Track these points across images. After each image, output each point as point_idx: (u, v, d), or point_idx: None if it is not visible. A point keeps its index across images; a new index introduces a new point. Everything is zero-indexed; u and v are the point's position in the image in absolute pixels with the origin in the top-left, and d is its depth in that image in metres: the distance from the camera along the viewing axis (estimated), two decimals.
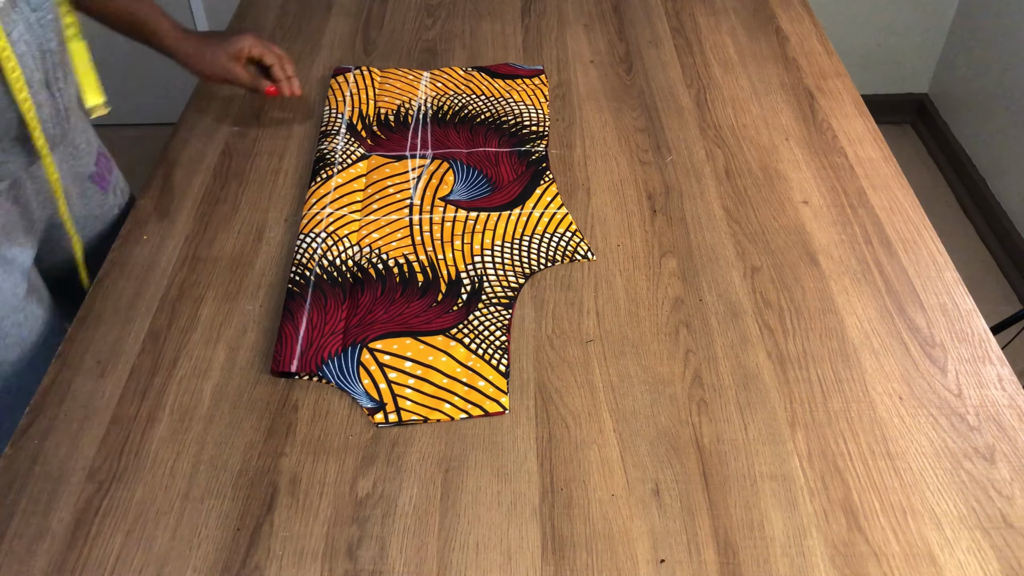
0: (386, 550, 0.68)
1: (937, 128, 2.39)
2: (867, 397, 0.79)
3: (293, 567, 0.67)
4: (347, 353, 0.82)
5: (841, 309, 0.87)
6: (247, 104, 1.17)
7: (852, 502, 0.71)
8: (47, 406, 0.79)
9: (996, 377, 0.81)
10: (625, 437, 0.76)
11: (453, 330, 0.85)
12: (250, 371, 0.82)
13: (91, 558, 0.68)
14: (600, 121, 1.13)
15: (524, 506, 0.71)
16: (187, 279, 0.92)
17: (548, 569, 0.67)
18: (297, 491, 0.72)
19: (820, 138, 1.10)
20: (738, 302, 0.88)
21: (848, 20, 2.28)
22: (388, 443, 0.76)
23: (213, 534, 0.70)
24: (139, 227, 0.98)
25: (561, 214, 0.99)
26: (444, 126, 1.12)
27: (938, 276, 0.91)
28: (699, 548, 0.68)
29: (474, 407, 0.78)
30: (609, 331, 0.85)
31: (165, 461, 0.75)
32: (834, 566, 0.67)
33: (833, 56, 1.25)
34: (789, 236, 0.96)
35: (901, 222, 0.97)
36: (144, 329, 0.86)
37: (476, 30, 1.33)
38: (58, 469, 0.74)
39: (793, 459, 0.74)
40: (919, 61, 2.40)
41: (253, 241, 0.96)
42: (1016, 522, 0.70)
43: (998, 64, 2.11)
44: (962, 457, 0.74)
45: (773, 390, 0.80)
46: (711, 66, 1.24)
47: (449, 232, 0.96)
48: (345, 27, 1.34)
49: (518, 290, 0.90)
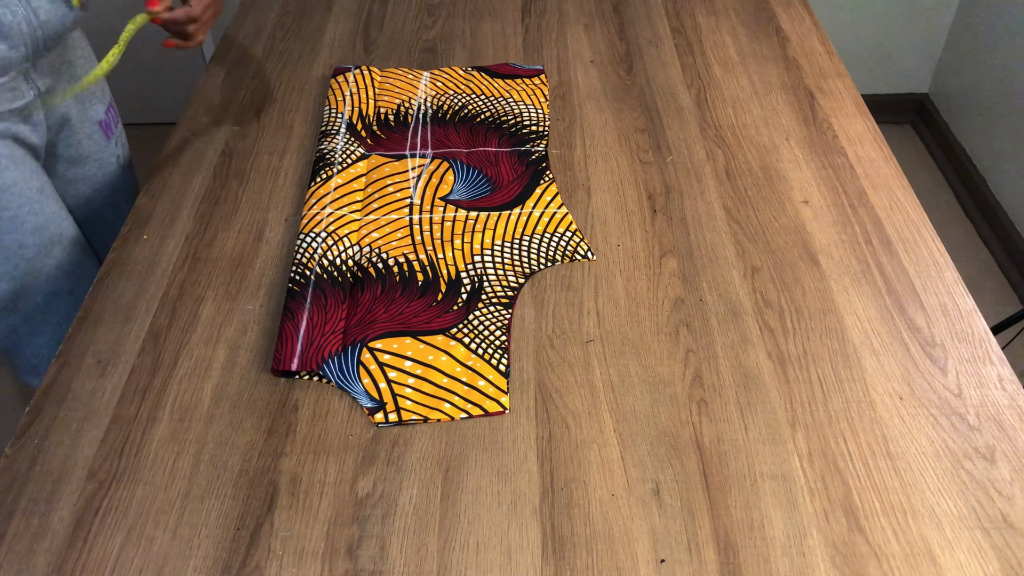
0: (386, 550, 0.68)
1: (937, 128, 2.39)
2: (867, 397, 0.79)
3: (293, 567, 0.67)
4: (347, 352, 0.82)
5: (841, 309, 0.87)
6: (247, 104, 1.17)
7: (852, 502, 0.71)
8: (47, 406, 0.79)
9: (996, 377, 0.81)
10: (625, 437, 0.76)
11: (453, 330, 0.85)
12: (250, 371, 0.82)
13: (91, 558, 0.68)
14: (600, 121, 1.13)
15: (524, 506, 0.71)
16: (187, 279, 0.92)
17: (548, 569, 0.67)
18: (297, 491, 0.72)
19: (820, 138, 1.10)
20: (738, 302, 0.88)
21: (848, 20, 2.28)
22: (388, 443, 0.76)
23: (213, 534, 0.70)
24: (139, 227, 0.98)
25: (561, 214, 0.99)
26: (444, 126, 1.12)
27: (938, 276, 0.91)
28: (699, 548, 0.68)
29: (474, 407, 0.78)
30: (609, 331, 0.85)
31: (165, 461, 0.75)
32: (834, 566, 0.67)
33: (833, 56, 1.25)
34: (789, 236, 0.96)
35: (901, 222, 0.97)
36: (144, 329, 0.86)
37: (476, 30, 1.33)
38: (58, 469, 0.74)
39: (793, 459, 0.74)
40: (919, 61, 2.40)
41: (253, 241, 0.96)
42: (1016, 522, 0.70)
43: (998, 64, 2.11)
44: (962, 457, 0.74)
45: (773, 390, 0.80)
46: (711, 66, 1.23)
47: (449, 232, 0.96)
48: (345, 27, 1.34)
49: (518, 290, 0.90)
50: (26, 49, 0.91)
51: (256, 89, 1.20)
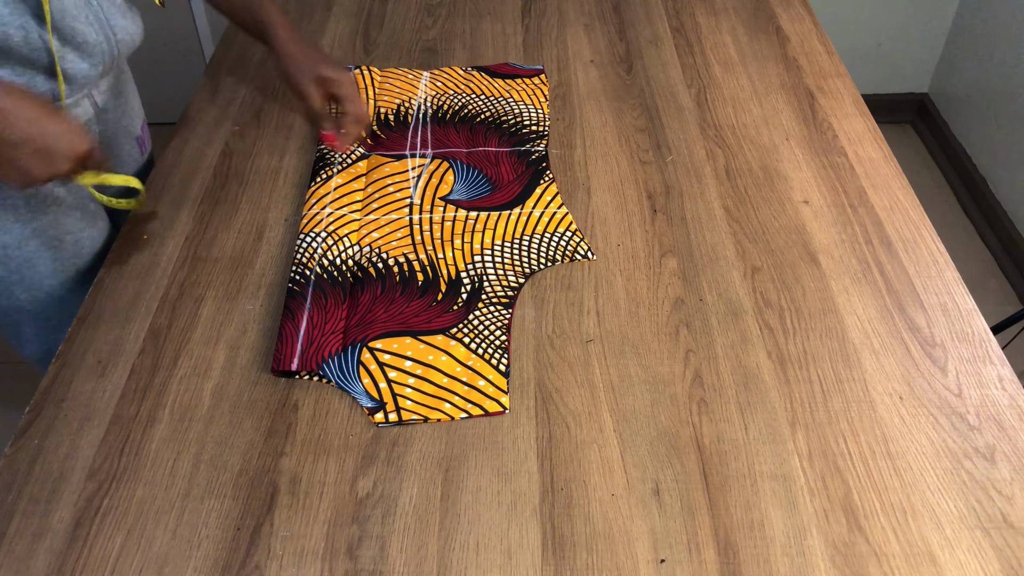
0: (386, 550, 0.68)
1: (937, 128, 2.39)
2: (867, 397, 0.79)
3: (293, 567, 0.67)
4: (347, 352, 0.82)
5: (841, 309, 0.87)
6: (247, 104, 1.17)
7: (852, 502, 0.71)
8: (47, 406, 0.79)
9: (996, 377, 0.81)
10: (625, 437, 0.76)
11: (453, 329, 0.85)
12: (250, 371, 0.82)
13: (91, 558, 0.68)
14: (600, 121, 1.13)
15: (524, 506, 0.71)
16: (187, 279, 0.92)
17: (548, 569, 0.67)
18: (297, 491, 0.72)
19: (820, 138, 1.10)
20: (738, 302, 0.88)
21: (848, 20, 2.28)
22: (388, 443, 0.76)
23: (213, 534, 0.70)
24: (139, 227, 0.98)
25: (561, 214, 0.99)
26: (444, 125, 1.12)
27: (938, 276, 0.91)
28: (699, 548, 0.68)
29: (474, 407, 0.78)
30: (609, 331, 0.85)
31: (165, 461, 0.75)
32: (834, 566, 0.67)
33: (833, 56, 1.25)
34: (789, 236, 0.96)
35: (901, 222, 0.97)
36: (144, 329, 0.86)
37: (476, 30, 1.33)
38: (58, 469, 0.74)
39: (793, 459, 0.74)
40: (919, 61, 2.40)
41: (253, 241, 0.96)
42: (1016, 522, 0.70)
43: (998, 64, 2.11)
44: (962, 457, 0.74)
45: (773, 390, 0.80)
46: (711, 66, 1.23)
47: (449, 231, 0.96)
48: (345, 27, 1.34)
49: (518, 290, 0.90)
50: (103, 67, 0.93)
51: (256, 89, 1.20)
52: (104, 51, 0.91)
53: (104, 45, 0.91)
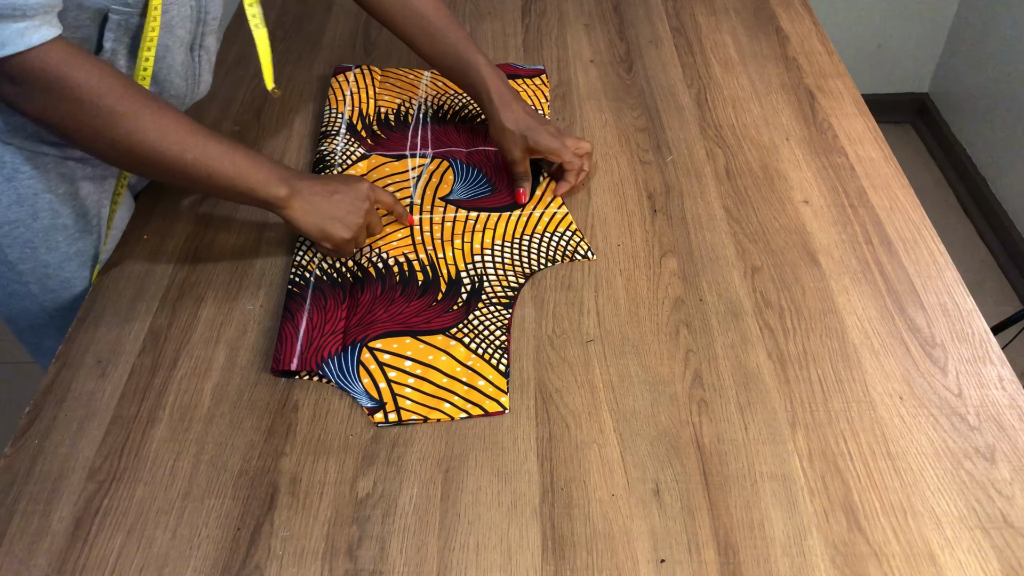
0: (386, 550, 0.68)
1: (937, 128, 2.39)
2: (867, 397, 0.79)
3: (293, 567, 0.67)
4: (347, 352, 0.82)
5: (841, 309, 0.87)
6: (247, 104, 1.17)
7: (852, 502, 0.71)
8: (47, 406, 0.79)
9: (996, 377, 0.81)
10: (625, 437, 0.76)
11: (453, 329, 0.85)
12: (250, 371, 0.82)
13: (91, 558, 0.68)
14: (600, 121, 1.13)
15: (524, 506, 0.71)
16: (187, 279, 0.91)
17: (548, 569, 0.67)
18: (297, 491, 0.72)
19: (820, 138, 1.10)
20: (738, 302, 0.88)
21: (848, 20, 2.28)
22: (388, 443, 0.76)
23: (213, 534, 0.70)
24: (139, 227, 0.98)
25: (561, 214, 0.99)
26: (444, 125, 1.12)
27: (938, 276, 0.91)
28: (699, 548, 0.68)
29: (474, 407, 0.78)
30: (609, 331, 0.85)
31: (165, 461, 0.75)
32: (834, 566, 0.67)
33: (833, 56, 1.25)
34: (789, 236, 0.96)
35: (901, 222, 0.97)
36: (144, 329, 0.86)
37: (476, 30, 1.33)
38: (58, 469, 0.74)
39: (793, 459, 0.74)
40: (919, 61, 2.40)
41: (253, 241, 0.96)
42: (1016, 522, 0.70)
43: (998, 64, 2.11)
44: (962, 457, 0.74)
45: (773, 390, 0.80)
46: (711, 66, 1.23)
47: (449, 231, 0.96)
48: (345, 27, 1.34)
49: (518, 290, 0.90)
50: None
51: (256, 89, 1.20)
52: (182, 101, 0.95)
53: (187, 98, 0.95)
